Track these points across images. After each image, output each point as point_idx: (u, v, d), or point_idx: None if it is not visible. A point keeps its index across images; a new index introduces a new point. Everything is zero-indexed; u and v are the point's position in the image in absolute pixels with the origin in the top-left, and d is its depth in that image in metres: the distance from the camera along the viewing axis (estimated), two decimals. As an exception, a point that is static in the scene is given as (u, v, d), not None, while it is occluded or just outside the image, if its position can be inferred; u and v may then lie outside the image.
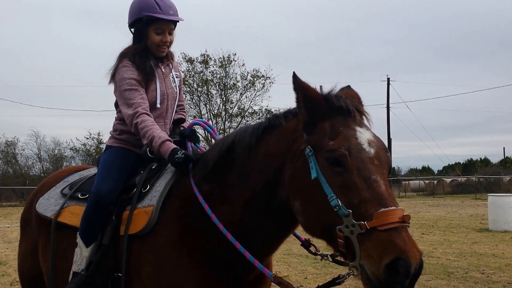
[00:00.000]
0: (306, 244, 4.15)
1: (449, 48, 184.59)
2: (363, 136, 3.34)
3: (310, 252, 4.12)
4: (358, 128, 3.38)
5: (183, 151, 4.13)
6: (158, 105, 4.65)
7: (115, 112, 4.84)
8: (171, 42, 4.74)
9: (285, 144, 3.66)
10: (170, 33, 4.70)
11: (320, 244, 3.89)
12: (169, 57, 4.88)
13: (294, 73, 3.50)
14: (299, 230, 4.03)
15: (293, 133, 3.63)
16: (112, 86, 4.75)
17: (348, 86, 3.80)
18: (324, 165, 3.28)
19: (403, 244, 2.91)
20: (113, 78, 4.69)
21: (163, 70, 4.78)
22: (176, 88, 4.89)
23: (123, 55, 4.67)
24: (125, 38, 4.81)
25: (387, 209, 3.02)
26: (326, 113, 3.44)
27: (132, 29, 4.77)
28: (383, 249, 2.91)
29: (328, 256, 3.79)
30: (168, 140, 4.26)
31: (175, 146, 4.22)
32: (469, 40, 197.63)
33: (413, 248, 2.92)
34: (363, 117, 3.57)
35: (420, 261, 2.92)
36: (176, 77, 4.94)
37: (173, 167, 4.22)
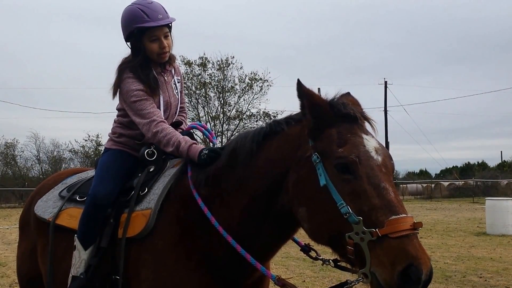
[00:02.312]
0: (306, 249, 4.15)
1: (446, 52, 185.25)
2: (370, 143, 3.36)
3: (311, 257, 4.12)
4: (364, 136, 3.41)
5: (206, 149, 4.12)
6: (163, 116, 4.61)
7: (115, 115, 4.82)
8: (169, 46, 4.66)
9: (288, 150, 3.66)
10: (166, 37, 4.62)
11: (317, 248, 3.90)
12: (170, 60, 4.82)
13: (298, 80, 3.51)
14: (297, 235, 4.04)
15: (297, 139, 3.63)
16: (110, 95, 4.72)
17: (348, 93, 3.80)
18: (333, 172, 3.28)
19: (415, 251, 2.93)
20: (116, 92, 4.67)
21: (165, 78, 4.74)
22: (177, 94, 4.87)
23: (124, 68, 4.61)
24: (119, 42, 4.77)
25: (398, 216, 3.03)
26: (332, 120, 3.44)
27: (129, 43, 4.71)
28: (395, 256, 2.93)
29: (330, 261, 3.80)
30: (194, 143, 4.26)
31: (202, 147, 4.21)
32: (466, 45, 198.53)
33: (424, 255, 2.95)
34: (369, 124, 3.60)
35: (430, 268, 2.96)
36: (178, 82, 4.91)
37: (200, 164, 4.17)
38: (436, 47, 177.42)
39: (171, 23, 4.67)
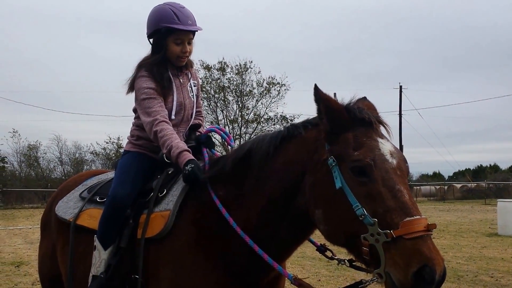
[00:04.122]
0: (322, 249, 4.17)
1: (458, 59, 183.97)
2: (385, 147, 3.40)
3: (326, 257, 4.14)
4: (380, 140, 3.44)
5: (192, 165, 4.11)
6: (173, 117, 4.65)
7: (133, 118, 4.87)
8: (190, 52, 4.72)
9: (305, 153, 3.69)
10: (189, 43, 4.67)
11: (333, 248, 3.94)
12: (188, 65, 4.87)
13: (315, 85, 3.55)
14: (313, 235, 4.07)
15: (314, 143, 3.66)
16: (129, 95, 4.76)
17: (364, 98, 3.84)
18: (348, 175, 3.32)
19: (429, 252, 2.97)
20: (131, 88, 4.71)
21: (181, 80, 4.78)
22: (193, 97, 4.89)
23: (141, 66, 4.66)
24: (140, 48, 4.85)
25: (413, 218, 3.06)
26: (348, 124, 3.48)
27: (151, 40, 4.75)
28: (409, 257, 2.97)
29: (346, 261, 3.82)
30: (185, 150, 4.26)
31: (190, 157, 4.21)
32: (477, 52, 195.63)
33: (437, 256, 2.98)
34: (384, 127, 3.63)
35: (444, 268, 2.99)
36: (194, 86, 4.93)
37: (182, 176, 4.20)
38: (448, 54, 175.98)
39: (197, 31, 4.71)
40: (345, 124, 3.49)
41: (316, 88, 3.55)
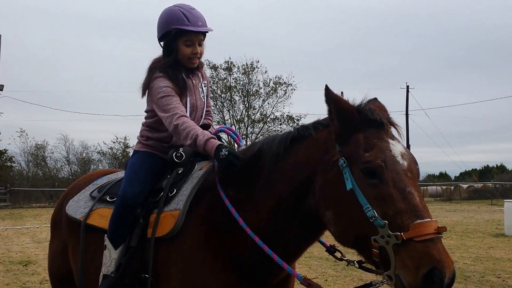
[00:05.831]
0: (331, 250, 4.18)
1: (465, 59, 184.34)
2: (396, 148, 3.39)
3: (336, 257, 4.14)
4: (390, 141, 3.43)
5: (227, 149, 4.06)
6: None
7: (144, 118, 4.88)
8: (201, 53, 4.72)
9: (315, 154, 3.69)
10: (200, 44, 4.67)
11: (341, 248, 3.93)
12: (199, 67, 4.88)
13: (326, 86, 3.54)
14: (322, 236, 4.05)
15: (324, 144, 3.66)
16: (136, 95, 4.78)
17: (375, 98, 3.84)
18: (359, 177, 3.31)
19: (439, 254, 2.97)
20: (145, 91, 4.71)
21: (193, 82, 4.78)
22: (204, 98, 4.91)
23: (154, 68, 4.65)
24: (148, 48, 4.89)
25: (423, 220, 3.06)
26: (359, 125, 3.48)
27: (162, 43, 4.75)
28: (419, 259, 2.97)
29: (355, 262, 3.81)
30: (212, 137, 4.22)
31: (220, 142, 4.18)
32: (485, 52, 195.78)
33: (447, 259, 2.98)
34: (395, 129, 3.62)
35: (453, 271, 2.99)
36: (204, 86, 4.94)
37: (218, 163, 4.16)
38: (455, 54, 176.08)
39: (208, 32, 4.72)
40: (356, 125, 3.49)
41: (327, 89, 3.54)
